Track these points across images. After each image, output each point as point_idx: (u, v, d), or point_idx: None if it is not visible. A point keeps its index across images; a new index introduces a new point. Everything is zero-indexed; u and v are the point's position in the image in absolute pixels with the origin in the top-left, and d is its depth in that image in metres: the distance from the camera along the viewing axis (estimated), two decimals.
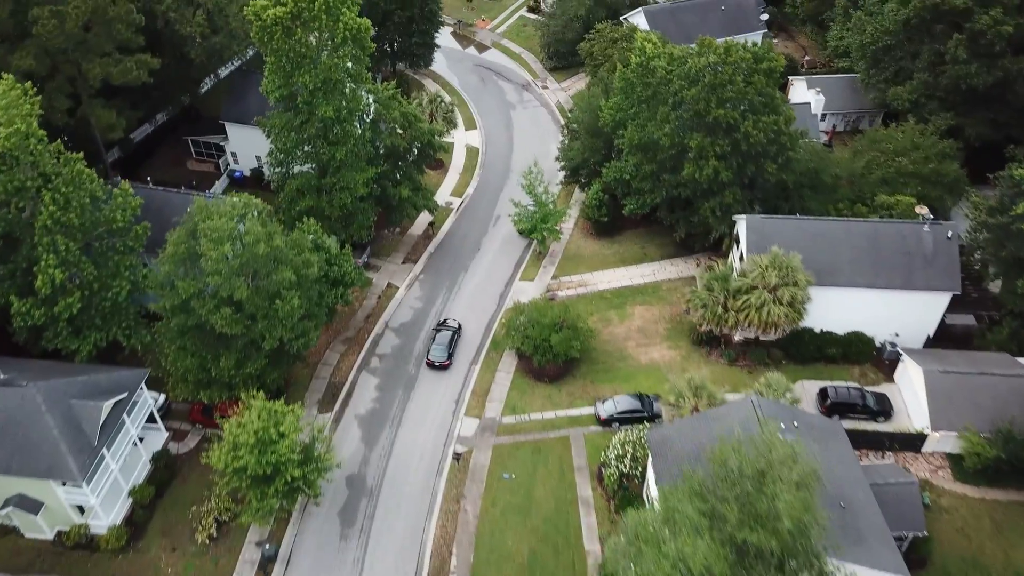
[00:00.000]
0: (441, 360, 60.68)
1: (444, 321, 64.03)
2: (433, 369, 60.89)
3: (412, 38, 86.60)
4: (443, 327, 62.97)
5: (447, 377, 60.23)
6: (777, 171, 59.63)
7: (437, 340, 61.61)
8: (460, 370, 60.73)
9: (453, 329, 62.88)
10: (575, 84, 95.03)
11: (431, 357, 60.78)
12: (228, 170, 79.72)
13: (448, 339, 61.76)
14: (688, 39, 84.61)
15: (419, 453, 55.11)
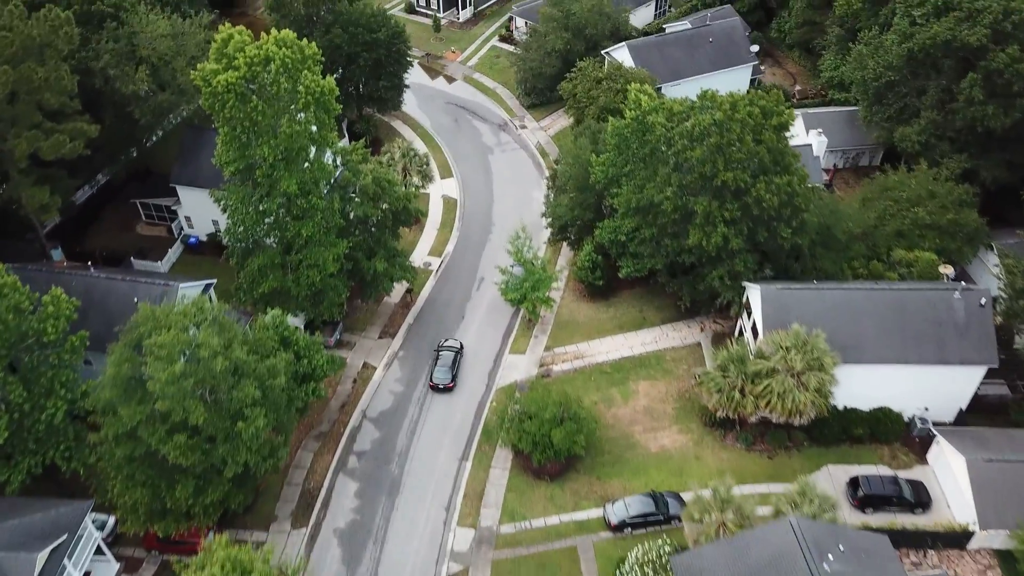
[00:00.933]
0: (445, 382, 59.27)
1: (445, 341, 62.53)
2: (438, 392, 59.50)
3: (380, 81, 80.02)
4: (444, 348, 61.59)
5: (436, 479, 53.85)
6: (791, 235, 54.19)
7: (440, 362, 60.34)
8: (449, 470, 54.35)
9: (455, 349, 61.47)
10: (555, 123, 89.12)
11: (435, 380, 59.44)
12: (182, 236, 72.51)
13: (451, 360, 60.37)
14: (676, 74, 79.63)
15: (408, 574, 48.72)
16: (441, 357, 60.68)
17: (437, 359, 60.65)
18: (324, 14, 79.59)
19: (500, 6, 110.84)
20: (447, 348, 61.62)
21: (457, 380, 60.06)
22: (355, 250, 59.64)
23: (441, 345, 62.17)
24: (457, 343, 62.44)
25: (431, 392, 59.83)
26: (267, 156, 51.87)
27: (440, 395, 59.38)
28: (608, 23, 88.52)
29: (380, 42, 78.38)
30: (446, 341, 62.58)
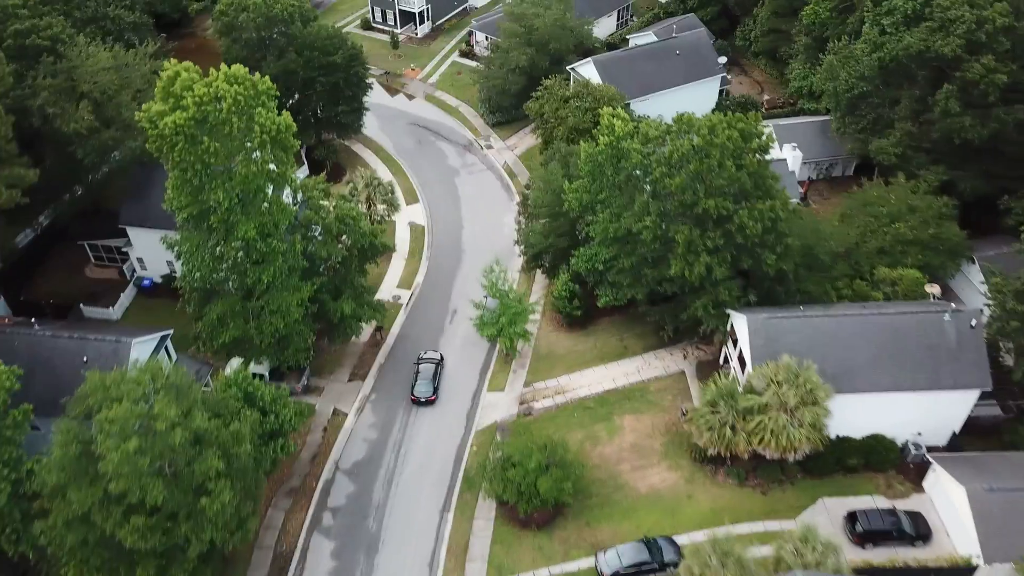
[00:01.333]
0: (427, 395, 58.59)
1: (424, 353, 61.64)
2: (419, 405, 58.75)
3: (338, 106, 76.74)
4: (424, 360, 60.72)
5: (417, 533, 50.89)
6: (776, 261, 52.25)
7: (420, 374, 59.49)
8: (430, 523, 51.44)
9: (435, 361, 60.77)
10: (522, 141, 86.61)
11: (416, 393, 58.68)
12: (135, 278, 68.55)
13: (432, 372, 59.66)
14: (644, 89, 77.64)
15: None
16: (421, 370, 59.73)
17: (417, 372, 59.67)
18: (277, 37, 76.19)
19: (459, 19, 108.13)
20: (427, 360, 60.65)
21: (439, 392, 59.22)
22: (320, 291, 56.44)
23: (421, 358, 61.09)
24: (437, 355, 61.54)
25: (406, 431, 56.98)
26: (222, 201, 48.51)
27: (418, 440, 56.44)
28: (571, 37, 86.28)
29: (337, 65, 75.18)
30: (425, 353, 61.50)
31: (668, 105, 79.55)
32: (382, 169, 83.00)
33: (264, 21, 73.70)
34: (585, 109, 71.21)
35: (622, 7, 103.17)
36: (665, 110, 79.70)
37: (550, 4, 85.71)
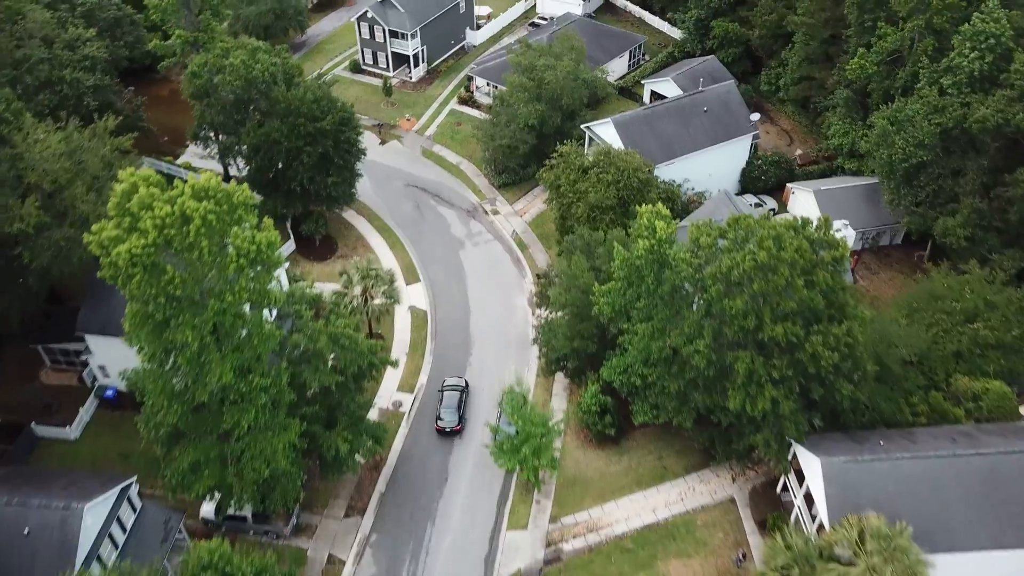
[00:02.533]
0: (452, 425, 56.66)
1: (447, 380, 59.51)
2: (444, 436, 56.61)
3: (328, 177, 68.08)
4: (448, 388, 58.61)
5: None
6: (853, 392, 44.17)
7: (445, 402, 57.58)
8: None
9: (460, 388, 58.72)
10: (532, 205, 78.25)
11: (440, 423, 56.79)
12: (96, 388, 59.72)
13: (457, 400, 57.55)
14: (669, 152, 69.61)
15: None
16: (445, 398, 57.80)
17: (441, 400, 57.89)
18: (256, 97, 67.53)
19: (456, 60, 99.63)
20: (451, 388, 58.67)
21: (464, 422, 57.45)
22: (312, 422, 47.95)
23: (444, 385, 59.09)
24: (462, 381, 59.69)
25: (422, 567, 49.40)
26: (191, 341, 39.95)
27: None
28: (586, 90, 78.09)
29: (326, 132, 66.51)
30: (448, 380, 59.48)
31: (696, 168, 72.13)
32: (377, 240, 74.49)
33: (243, 84, 65.06)
34: (608, 183, 62.92)
35: (634, 47, 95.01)
36: (692, 173, 72.44)
37: (560, 53, 77.49)
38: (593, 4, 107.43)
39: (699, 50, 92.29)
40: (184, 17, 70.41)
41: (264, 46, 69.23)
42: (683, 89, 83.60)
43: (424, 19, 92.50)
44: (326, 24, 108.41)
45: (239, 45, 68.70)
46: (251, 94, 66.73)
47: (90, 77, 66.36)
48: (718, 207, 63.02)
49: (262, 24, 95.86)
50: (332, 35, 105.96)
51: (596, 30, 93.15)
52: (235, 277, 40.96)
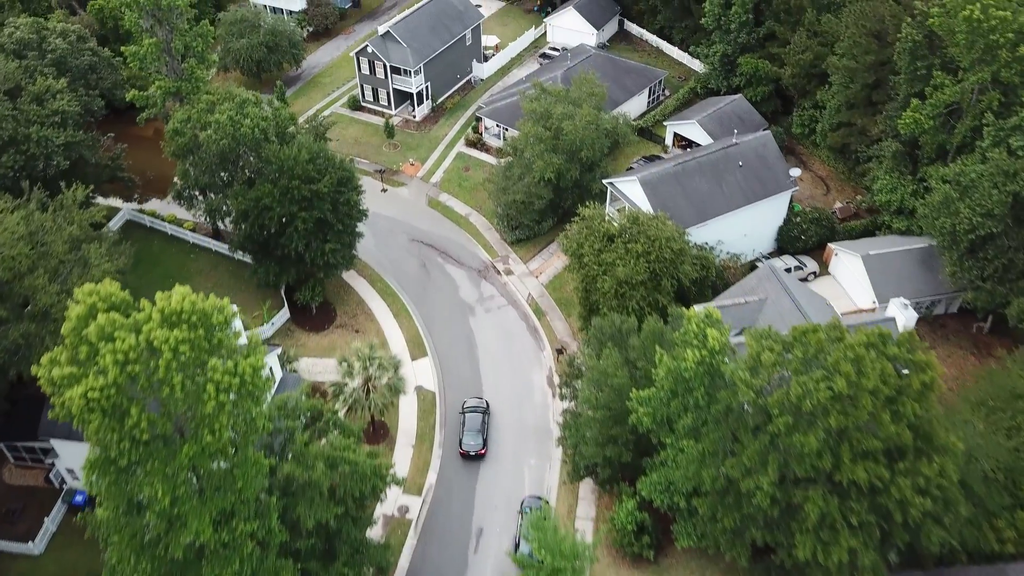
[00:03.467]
0: (476, 449, 55.49)
1: (467, 401, 58.39)
2: (469, 459, 55.68)
3: (326, 243, 61.41)
4: (469, 410, 57.39)
5: None
6: (945, 536, 37.61)
7: (467, 425, 56.38)
8: None
9: (482, 410, 57.39)
10: (548, 264, 71.61)
11: (464, 447, 55.51)
12: (64, 492, 53.06)
13: (480, 422, 56.31)
14: (702, 213, 63.30)
15: None
16: (468, 420, 56.56)
17: (464, 423, 56.58)
18: (245, 154, 60.94)
19: (463, 95, 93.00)
20: (472, 410, 57.32)
21: (488, 445, 56.14)
22: (307, 559, 41.35)
23: (465, 407, 57.84)
24: (483, 402, 58.31)
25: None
26: (160, 496, 33.33)
27: None
28: (607, 139, 71.52)
29: (322, 195, 59.83)
30: (468, 401, 58.30)
31: (730, 228, 65.75)
32: (379, 306, 67.87)
33: (230, 143, 58.41)
34: (637, 254, 56.34)
35: (654, 83, 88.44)
36: (726, 234, 65.90)
37: (579, 99, 70.90)
38: (607, 33, 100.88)
39: (724, 87, 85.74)
40: (165, 64, 63.69)
41: (254, 97, 62.62)
42: (709, 132, 77.32)
43: (428, 54, 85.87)
44: (322, 55, 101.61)
45: (226, 96, 62.10)
46: (239, 151, 60.13)
47: (60, 134, 59.62)
48: (762, 283, 56.62)
49: (254, 59, 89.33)
50: (329, 67, 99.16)
51: (614, 66, 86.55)
52: (215, 413, 34.39)
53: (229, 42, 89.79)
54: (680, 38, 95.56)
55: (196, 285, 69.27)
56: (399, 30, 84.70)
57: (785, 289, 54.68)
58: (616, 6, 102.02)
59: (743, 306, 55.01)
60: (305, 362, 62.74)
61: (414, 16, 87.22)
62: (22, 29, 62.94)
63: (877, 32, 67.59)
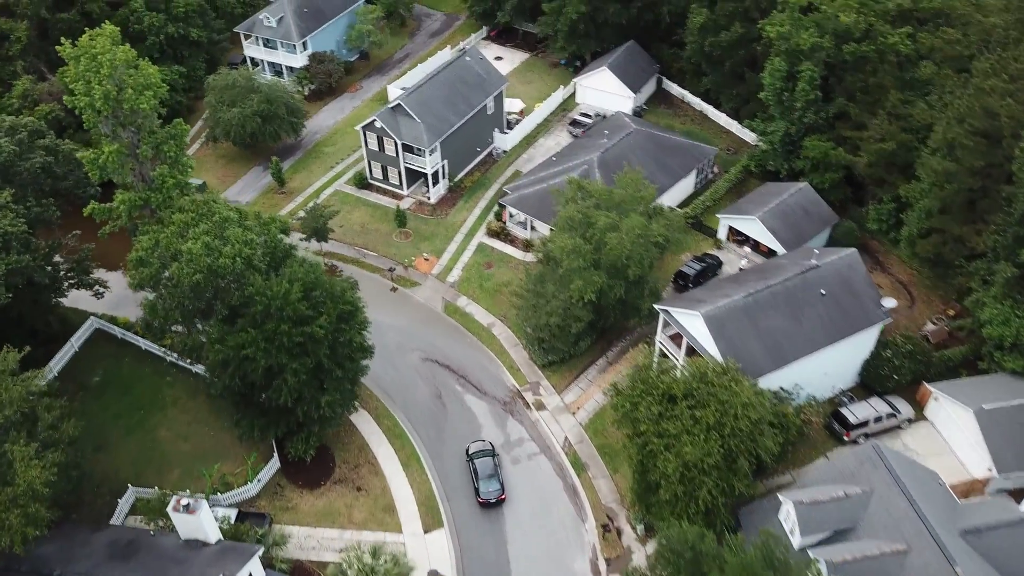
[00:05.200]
0: (496, 495, 52.69)
1: (470, 446, 55.71)
2: (489, 507, 52.63)
3: (323, 395, 50.50)
4: (477, 455, 54.68)
5: None
6: None
7: (480, 471, 53.47)
8: None
9: (489, 452, 55.12)
10: (587, 394, 60.56)
11: (484, 496, 52.63)
12: None
13: (492, 466, 53.84)
14: (779, 357, 53.10)
15: None
16: (479, 466, 53.76)
17: (475, 471, 53.63)
18: (230, 288, 50.00)
19: (483, 171, 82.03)
20: (480, 454, 54.71)
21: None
22: None
23: (471, 453, 55.10)
24: (487, 444, 55.93)
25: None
26: None
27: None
28: (657, 250, 60.43)
29: (319, 338, 48.93)
30: (471, 447, 55.57)
31: (808, 369, 54.45)
32: (386, 453, 56.91)
33: (205, 278, 47.58)
34: (708, 426, 45.30)
35: (703, 163, 77.36)
36: (804, 376, 54.56)
37: (624, 201, 59.87)
38: (644, 95, 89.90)
39: (785, 169, 74.54)
40: (131, 171, 52.87)
41: (237, 214, 51.86)
42: (772, 230, 66.46)
43: (444, 130, 74.96)
44: (325, 117, 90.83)
45: (204, 212, 51.27)
46: (217, 284, 49.29)
47: (1, 263, 48.86)
48: (863, 466, 45.54)
49: (247, 130, 78.56)
50: (332, 133, 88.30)
51: (656, 145, 75.42)
52: None
53: (219, 111, 79.14)
54: (731, 106, 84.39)
55: (171, 420, 58.92)
56: (411, 103, 73.78)
57: (896, 480, 43.51)
58: (655, 63, 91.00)
59: (841, 501, 43.86)
60: (296, 533, 51.86)
61: (428, 86, 76.24)
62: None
63: (986, 131, 56.34)
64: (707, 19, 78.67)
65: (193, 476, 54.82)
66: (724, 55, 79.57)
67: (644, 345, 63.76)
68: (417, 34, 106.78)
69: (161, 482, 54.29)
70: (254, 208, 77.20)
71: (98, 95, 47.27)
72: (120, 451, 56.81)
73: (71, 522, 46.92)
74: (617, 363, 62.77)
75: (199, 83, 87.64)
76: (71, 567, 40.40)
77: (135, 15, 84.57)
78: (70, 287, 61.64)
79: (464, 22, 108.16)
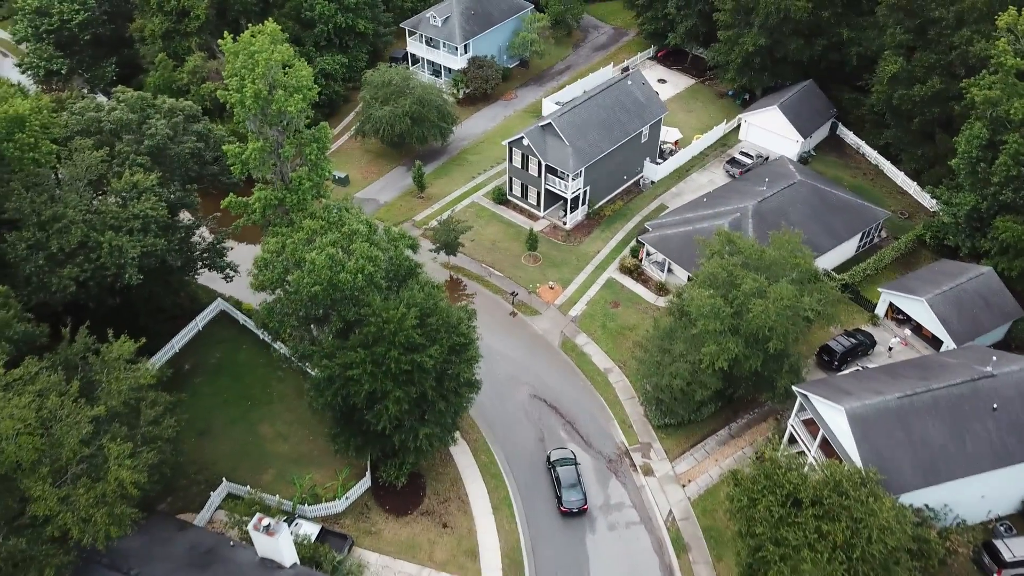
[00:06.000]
0: (580, 505, 52.31)
1: (551, 453, 55.35)
2: (572, 516, 52.31)
3: (423, 427, 48.47)
4: (559, 463, 54.19)
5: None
6: None
7: (564, 480, 53.00)
8: None
9: (572, 460, 54.51)
10: (700, 468, 55.62)
11: (567, 505, 52.28)
12: None
13: (575, 475, 53.32)
14: (932, 472, 48.78)
15: None
16: (561, 474, 53.27)
17: (558, 479, 53.22)
18: (346, 301, 48.53)
19: (626, 201, 77.88)
20: (563, 462, 54.17)
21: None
22: None
23: (552, 461, 54.61)
24: (570, 452, 55.36)
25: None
26: None
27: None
28: (805, 323, 54.49)
29: (427, 369, 46.81)
30: (553, 454, 55.10)
31: (965, 492, 47.38)
32: (478, 491, 54.32)
33: (324, 291, 46.39)
34: (834, 544, 39.75)
35: (871, 226, 69.89)
36: (956, 497, 47.59)
37: (775, 264, 54.31)
38: (814, 140, 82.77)
39: (967, 248, 66.08)
40: (272, 168, 52.63)
41: (367, 226, 50.43)
42: (942, 318, 58.96)
43: (593, 156, 71.42)
44: (475, 124, 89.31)
45: (334, 221, 50.28)
46: (335, 296, 48.05)
47: (136, 244, 49.71)
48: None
49: (395, 130, 78.05)
50: (480, 141, 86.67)
51: (821, 200, 68.71)
52: None
53: (371, 107, 79.04)
54: (913, 167, 76.03)
55: (274, 416, 58.83)
56: (563, 123, 70.64)
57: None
58: (832, 107, 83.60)
59: None
60: (375, 562, 50.19)
61: (584, 107, 72.76)
62: (122, 108, 53.74)
63: None
64: (901, 69, 70.81)
65: (286, 479, 54.36)
66: (914, 110, 71.51)
67: (774, 421, 58.23)
68: (581, 46, 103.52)
69: (255, 481, 54.15)
70: (392, 209, 77.25)
71: (249, 93, 47.03)
72: (221, 440, 57.18)
73: (159, 513, 47.13)
74: (740, 437, 57.45)
75: (359, 74, 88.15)
76: (149, 567, 40.24)
77: (308, 2, 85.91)
78: (203, 267, 62.77)
79: (632, 39, 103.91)
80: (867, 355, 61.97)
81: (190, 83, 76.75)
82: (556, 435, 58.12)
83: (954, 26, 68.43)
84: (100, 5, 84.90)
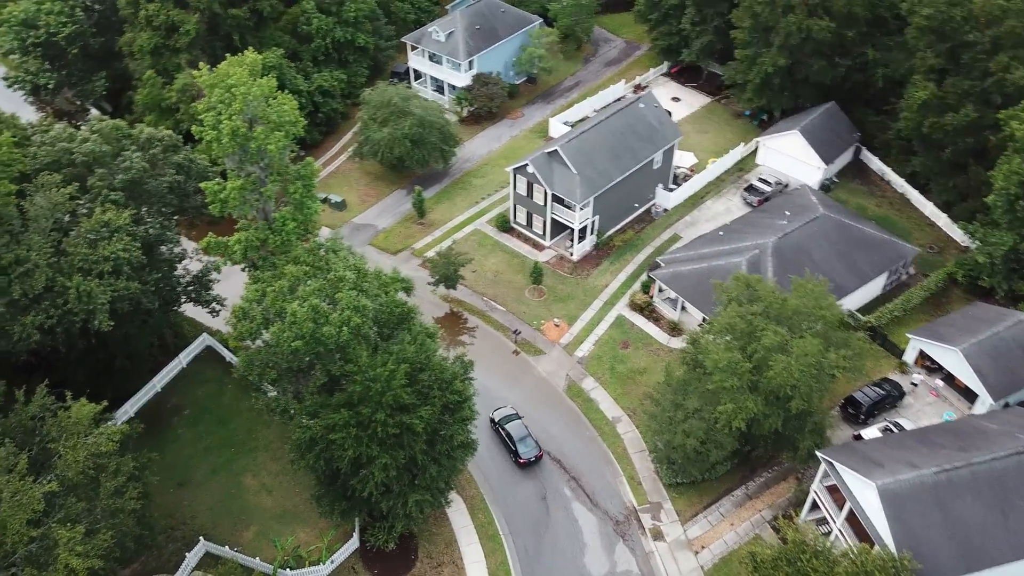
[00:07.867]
0: (535, 453, 54.11)
1: (496, 412, 56.53)
2: (530, 466, 53.99)
3: (412, 492, 44.45)
4: (505, 420, 55.50)
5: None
6: None
7: (515, 435, 54.38)
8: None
9: (516, 415, 55.93)
10: (716, 533, 51.42)
11: (524, 456, 53.69)
12: None
13: (524, 428, 54.93)
14: (971, 558, 43.60)
15: None
16: (511, 430, 54.79)
17: (509, 435, 54.63)
18: (331, 354, 44.66)
19: (637, 230, 73.65)
20: (508, 419, 55.66)
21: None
22: None
23: (497, 421, 55.83)
24: (511, 409, 56.76)
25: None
26: None
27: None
28: (829, 380, 50.17)
29: (418, 432, 42.85)
30: (496, 414, 56.32)
31: (1003, 570, 42.87)
32: (474, 556, 50.37)
33: (306, 343, 42.44)
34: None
35: (899, 264, 65.50)
36: None
37: (798, 316, 50.03)
38: (837, 166, 78.27)
39: (1004, 291, 61.64)
40: (252, 209, 48.65)
41: (356, 270, 46.45)
42: (978, 369, 54.45)
43: (601, 185, 67.24)
44: (479, 144, 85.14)
45: (319, 265, 46.34)
46: (318, 351, 44.13)
47: (107, 289, 45.91)
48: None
49: (395, 153, 74.13)
50: (484, 163, 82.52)
51: (845, 236, 64.27)
52: None
53: (369, 128, 75.16)
54: (943, 198, 71.49)
55: (259, 466, 55.12)
56: (570, 151, 66.48)
57: None
58: (855, 132, 79.11)
59: None
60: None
61: (592, 132, 68.60)
62: (95, 139, 49.87)
63: None
64: (932, 95, 66.26)
65: (268, 538, 50.57)
66: (946, 139, 66.98)
67: (795, 480, 54.02)
68: (592, 61, 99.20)
69: (235, 539, 50.55)
70: (390, 236, 73.34)
71: (226, 130, 43.13)
72: (202, 492, 53.50)
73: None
74: (758, 498, 53.24)
75: (359, 90, 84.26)
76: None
77: (305, 16, 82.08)
78: (187, 301, 59.09)
79: (644, 53, 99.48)
80: (895, 407, 57.65)
81: (179, 101, 72.99)
82: (559, 491, 54.00)
83: (990, 51, 63.90)
84: (89, 17, 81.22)
